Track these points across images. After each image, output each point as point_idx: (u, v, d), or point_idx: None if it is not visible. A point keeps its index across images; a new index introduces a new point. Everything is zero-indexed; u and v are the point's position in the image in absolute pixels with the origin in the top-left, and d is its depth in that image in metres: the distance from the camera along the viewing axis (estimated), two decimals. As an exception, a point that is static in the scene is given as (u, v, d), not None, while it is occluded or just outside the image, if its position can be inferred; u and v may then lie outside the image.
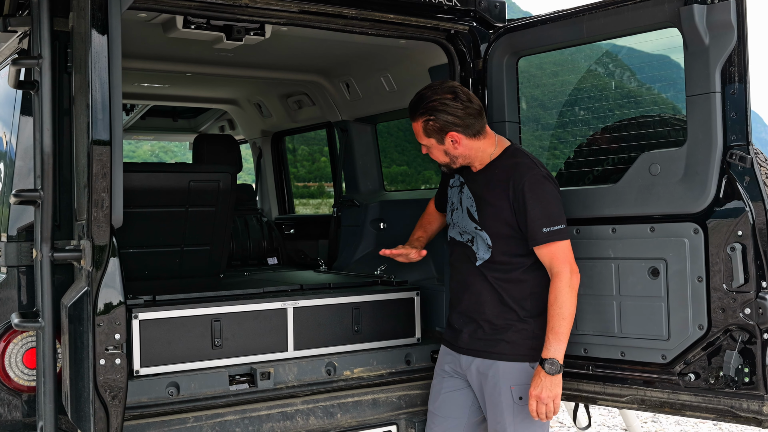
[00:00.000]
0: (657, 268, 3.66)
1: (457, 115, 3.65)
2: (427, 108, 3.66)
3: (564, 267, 3.57)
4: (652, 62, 4.68)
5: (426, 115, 3.68)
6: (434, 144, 3.74)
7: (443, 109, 3.64)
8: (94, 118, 2.73)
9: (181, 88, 6.62)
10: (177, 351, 3.86)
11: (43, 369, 3.05)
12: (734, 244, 3.42)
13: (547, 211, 3.60)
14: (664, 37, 4.11)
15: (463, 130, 3.67)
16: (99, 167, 2.74)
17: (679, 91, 4.59)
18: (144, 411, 3.61)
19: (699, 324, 3.54)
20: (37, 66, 2.97)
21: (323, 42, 4.86)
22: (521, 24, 4.30)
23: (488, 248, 3.74)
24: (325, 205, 8.60)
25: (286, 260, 6.98)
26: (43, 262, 3.00)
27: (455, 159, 3.77)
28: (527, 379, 3.64)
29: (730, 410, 3.49)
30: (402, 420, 4.07)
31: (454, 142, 3.69)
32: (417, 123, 3.73)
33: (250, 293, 4.24)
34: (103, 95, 2.75)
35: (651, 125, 4.07)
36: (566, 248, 3.61)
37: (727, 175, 3.46)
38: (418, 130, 3.75)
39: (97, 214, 2.77)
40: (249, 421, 3.82)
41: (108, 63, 2.76)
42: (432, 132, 3.70)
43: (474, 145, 3.74)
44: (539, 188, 3.62)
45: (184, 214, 5.21)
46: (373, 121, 6.10)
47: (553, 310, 3.56)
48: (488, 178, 3.76)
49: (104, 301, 2.81)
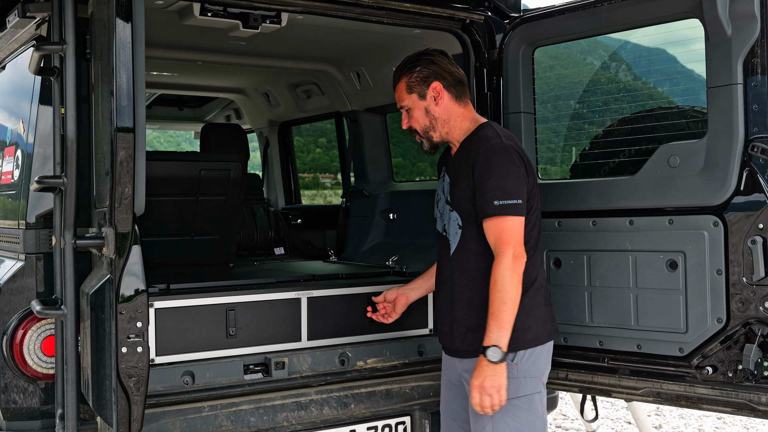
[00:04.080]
0: (675, 260, 3.65)
1: (442, 67, 3.56)
2: (414, 62, 3.59)
3: (507, 249, 3.31)
4: (651, 56, 4.67)
5: (411, 68, 3.58)
6: (415, 101, 3.58)
7: (430, 59, 3.57)
8: (119, 105, 2.71)
9: (189, 77, 6.59)
10: (192, 340, 3.84)
11: (65, 357, 3.03)
12: (755, 237, 3.40)
13: (502, 182, 3.35)
14: (662, 32, 4.12)
15: (447, 85, 3.56)
16: (123, 154, 2.72)
17: (674, 84, 4.59)
18: (159, 399, 3.59)
19: (718, 317, 3.53)
20: (61, 52, 2.95)
21: (336, 31, 4.84)
22: (538, 14, 4.27)
23: (458, 229, 3.53)
24: (319, 197, 8.59)
25: (293, 250, 6.96)
26: (65, 250, 2.98)
27: (435, 122, 3.59)
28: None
29: (748, 404, 3.48)
30: (416, 411, 4.06)
31: (436, 97, 3.55)
32: (401, 82, 3.61)
33: (264, 283, 4.23)
34: (128, 82, 2.73)
35: (669, 117, 4.06)
36: (516, 226, 3.34)
37: (748, 167, 3.44)
38: (401, 90, 3.61)
39: (120, 201, 2.75)
40: (264, 410, 3.81)
41: (132, 50, 2.74)
42: (415, 84, 3.57)
43: (454, 110, 3.59)
44: (496, 158, 3.39)
45: (195, 203, 5.18)
46: (383, 111, 6.07)
47: (494, 295, 3.28)
48: (460, 156, 3.59)
49: (126, 289, 2.80)
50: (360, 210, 6.05)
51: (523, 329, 3.40)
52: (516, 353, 3.41)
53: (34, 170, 3.47)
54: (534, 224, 3.49)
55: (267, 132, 7.49)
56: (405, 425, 4.01)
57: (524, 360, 3.43)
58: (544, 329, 3.52)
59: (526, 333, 3.43)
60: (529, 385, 3.43)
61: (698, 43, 3.75)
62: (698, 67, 3.93)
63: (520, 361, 3.43)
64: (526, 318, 3.42)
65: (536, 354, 3.47)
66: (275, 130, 7.41)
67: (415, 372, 4.27)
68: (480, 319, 3.36)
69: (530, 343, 3.45)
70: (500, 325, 3.25)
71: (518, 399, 3.39)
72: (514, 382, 3.37)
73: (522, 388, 3.41)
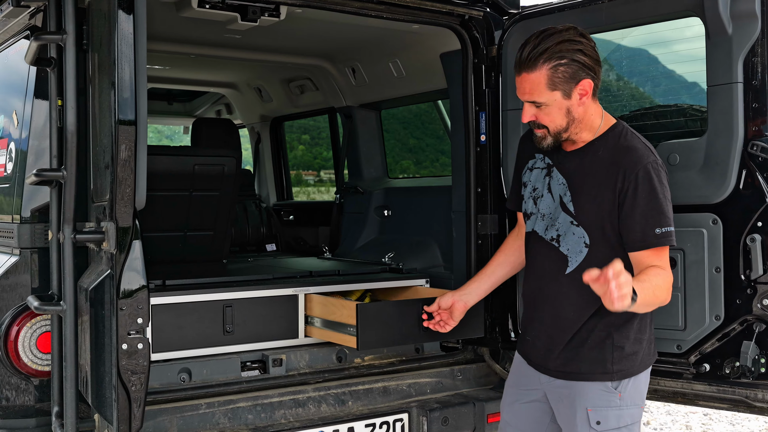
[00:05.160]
0: (674, 258, 3.64)
1: (592, 56, 2.98)
2: (557, 50, 2.95)
3: (667, 267, 3.03)
4: (633, 56, 4.67)
5: (555, 60, 2.95)
6: (558, 99, 3.01)
7: (577, 48, 2.95)
8: (121, 97, 2.67)
9: (181, 71, 6.54)
10: (188, 337, 3.82)
11: (65, 353, 2.99)
12: (754, 235, 3.40)
13: (663, 208, 2.98)
14: (645, 33, 4.12)
15: (595, 80, 3.03)
16: (124, 147, 2.68)
17: (655, 85, 4.60)
18: (156, 397, 3.57)
19: (716, 314, 3.53)
20: (61, 42, 2.90)
21: (333, 26, 4.81)
22: (537, 10, 4.26)
23: (585, 247, 3.11)
24: (302, 194, 8.56)
25: (285, 247, 6.94)
26: (65, 244, 2.94)
27: (572, 124, 3.08)
28: (606, 401, 3.10)
29: (745, 400, 3.48)
30: (414, 408, 4.03)
31: (582, 95, 3.02)
32: (539, 72, 2.97)
33: (262, 279, 4.20)
34: (130, 75, 2.69)
35: (668, 115, 4.05)
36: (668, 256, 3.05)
37: (748, 165, 3.44)
38: (540, 82, 2.99)
39: (121, 195, 2.71)
40: (261, 407, 3.79)
41: (134, 42, 2.70)
42: (561, 81, 2.98)
43: (592, 108, 3.09)
44: (656, 179, 2.98)
45: (188, 198, 5.16)
46: (378, 107, 6.05)
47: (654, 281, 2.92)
48: (588, 160, 3.12)
49: (127, 285, 2.76)
50: (354, 206, 6.02)
51: (632, 354, 3.13)
52: (620, 381, 3.12)
53: (29, 163, 3.42)
54: None
55: (259, 127, 7.46)
56: (403, 422, 3.98)
57: (628, 387, 3.14)
58: (649, 352, 3.22)
59: (635, 359, 3.14)
60: (630, 414, 3.15)
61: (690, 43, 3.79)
62: (692, 67, 3.94)
63: (624, 389, 3.12)
64: (635, 342, 3.14)
65: (639, 379, 3.17)
66: (267, 125, 7.37)
67: (412, 369, 4.26)
68: (582, 338, 3.13)
69: (637, 370, 3.16)
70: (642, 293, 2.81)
71: (619, 429, 3.12)
72: (616, 412, 3.11)
73: (624, 418, 3.13)
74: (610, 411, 3.10)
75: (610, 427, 3.10)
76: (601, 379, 3.11)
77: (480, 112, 4.43)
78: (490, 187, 4.41)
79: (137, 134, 2.72)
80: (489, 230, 4.41)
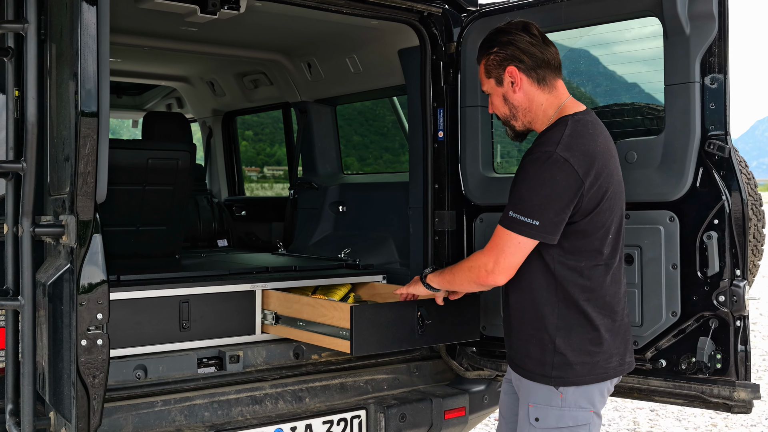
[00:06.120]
0: (631, 255, 3.69)
1: (519, 47, 3.13)
2: (491, 42, 3.21)
3: (487, 252, 3.06)
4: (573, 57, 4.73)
5: (487, 49, 3.23)
6: (493, 87, 3.23)
7: (508, 39, 3.16)
8: (83, 89, 2.61)
9: (133, 64, 6.44)
10: (144, 333, 3.76)
11: (22, 350, 2.91)
12: (710, 233, 3.46)
13: (528, 194, 2.98)
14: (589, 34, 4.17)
15: (525, 69, 3.14)
16: (86, 140, 2.62)
17: (596, 85, 4.67)
18: (111, 394, 3.51)
19: (672, 311, 3.59)
20: (22, 31, 2.82)
21: (291, 20, 4.78)
22: (496, 8, 4.28)
23: None
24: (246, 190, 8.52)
25: (237, 242, 6.87)
26: (23, 238, 2.86)
27: (515, 111, 3.21)
28: (546, 399, 3.10)
29: (701, 396, 3.54)
30: (371, 405, 4.02)
31: (513, 82, 3.15)
32: (482, 63, 3.27)
33: (218, 275, 4.15)
34: (93, 66, 2.63)
35: (625, 113, 4.10)
36: (510, 241, 3.00)
37: (705, 164, 3.51)
38: (481, 73, 3.28)
39: (82, 188, 2.64)
40: (218, 404, 3.75)
41: (97, 32, 2.64)
42: (492, 68, 3.21)
43: (536, 96, 3.16)
44: (539, 167, 2.97)
45: (141, 192, 5.07)
46: (333, 102, 6.02)
47: (456, 264, 3.25)
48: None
49: (87, 280, 2.69)
50: (308, 202, 5.99)
51: (576, 364, 3.08)
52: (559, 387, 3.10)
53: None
54: (601, 241, 3.08)
55: (210, 122, 7.37)
56: (360, 419, 3.97)
57: (571, 391, 3.10)
58: (600, 367, 3.12)
59: (579, 369, 3.09)
60: (572, 416, 3.09)
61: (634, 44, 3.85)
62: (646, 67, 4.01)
63: (566, 391, 3.09)
64: (582, 353, 3.09)
65: (587, 388, 3.11)
66: (219, 120, 7.29)
67: (369, 366, 4.26)
68: (530, 334, 3.15)
69: (581, 381, 3.09)
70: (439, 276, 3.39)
71: (559, 429, 3.10)
72: (556, 412, 3.09)
73: (564, 419, 3.10)
74: (549, 410, 3.10)
75: (549, 425, 3.10)
76: (540, 381, 3.13)
77: (438, 108, 4.45)
78: (448, 184, 4.43)
79: (99, 126, 2.66)
80: (446, 226, 4.43)
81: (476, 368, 4.31)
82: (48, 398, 2.92)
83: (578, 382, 3.08)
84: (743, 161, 3.80)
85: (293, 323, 3.97)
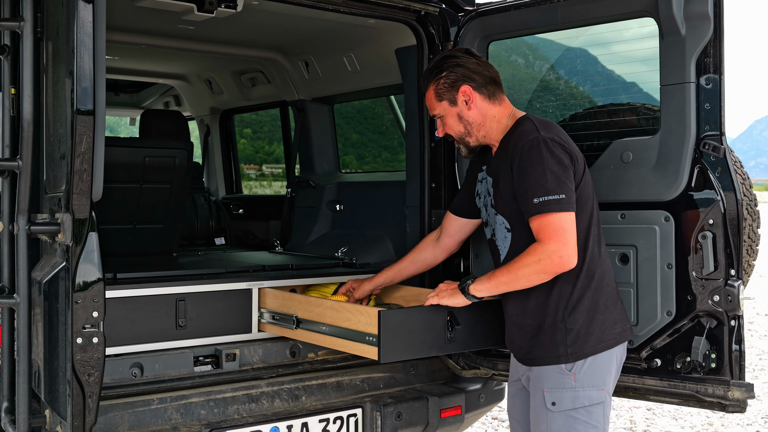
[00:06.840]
0: (627, 254, 3.70)
1: (468, 68, 3.38)
2: (439, 67, 3.42)
3: (549, 241, 3.10)
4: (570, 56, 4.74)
5: (435, 75, 3.42)
6: (446, 108, 3.43)
7: (455, 62, 3.39)
8: (80, 87, 2.62)
9: (130, 61, 6.44)
10: (140, 331, 3.76)
11: (18, 348, 2.92)
12: (705, 233, 3.47)
13: (541, 177, 3.13)
14: (586, 34, 4.18)
15: (477, 87, 3.38)
16: (82, 138, 2.62)
17: (594, 85, 4.67)
18: (107, 392, 3.51)
19: (667, 310, 3.60)
20: (18, 29, 2.83)
21: (288, 18, 4.78)
22: (493, 8, 4.28)
23: (507, 232, 3.35)
24: (245, 188, 8.54)
25: (234, 241, 6.88)
26: (19, 236, 2.87)
27: (470, 128, 3.43)
28: (561, 383, 3.26)
29: (695, 395, 3.55)
30: (367, 403, 4.03)
31: (467, 101, 3.38)
32: (429, 90, 3.45)
33: (215, 273, 4.16)
34: (90, 64, 2.63)
35: (620, 113, 4.11)
36: (560, 221, 3.10)
37: (700, 164, 3.51)
38: (431, 99, 3.46)
39: (78, 186, 2.65)
40: (214, 403, 3.75)
41: (93, 30, 2.65)
42: (444, 91, 3.41)
43: (489, 110, 3.41)
44: (535, 152, 3.17)
45: (138, 190, 5.09)
46: (330, 101, 6.03)
47: (511, 265, 3.20)
48: (500, 155, 3.39)
49: (83, 278, 2.70)
50: (306, 201, 6.00)
51: (585, 335, 3.26)
52: (574, 363, 3.25)
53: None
54: (589, 216, 3.31)
55: (208, 120, 7.38)
56: (356, 417, 3.98)
57: (584, 369, 3.26)
58: (608, 334, 3.31)
59: (587, 339, 3.26)
60: (587, 396, 3.25)
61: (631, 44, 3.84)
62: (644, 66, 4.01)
63: (579, 371, 3.25)
64: (588, 322, 3.27)
65: (598, 362, 3.27)
66: (217, 118, 7.29)
67: (365, 364, 4.25)
68: (538, 324, 3.29)
69: (591, 350, 3.26)
70: (490, 281, 3.27)
71: (576, 410, 3.24)
72: (571, 393, 3.24)
73: (580, 399, 3.25)
74: (564, 392, 3.25)
75: (565, 407, 3.24)
76: (556, 362, 3.27)
77: None
78: (444, 183, 4.44)
79: (95, 124, 2.67)
80: (443, 225, 4.42)
81: (472, 367, 4.32)
82: (43, 396, 2.93)
83: (592, 351, 3.25)
84: (738, 161, 3.81)
85: (317, 327, 3.80)
